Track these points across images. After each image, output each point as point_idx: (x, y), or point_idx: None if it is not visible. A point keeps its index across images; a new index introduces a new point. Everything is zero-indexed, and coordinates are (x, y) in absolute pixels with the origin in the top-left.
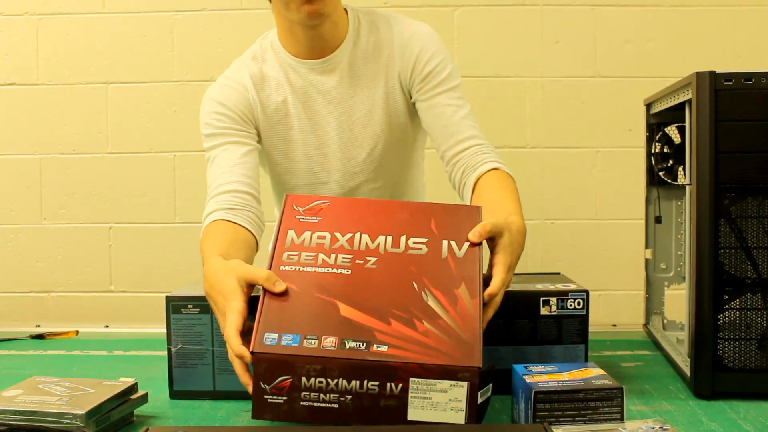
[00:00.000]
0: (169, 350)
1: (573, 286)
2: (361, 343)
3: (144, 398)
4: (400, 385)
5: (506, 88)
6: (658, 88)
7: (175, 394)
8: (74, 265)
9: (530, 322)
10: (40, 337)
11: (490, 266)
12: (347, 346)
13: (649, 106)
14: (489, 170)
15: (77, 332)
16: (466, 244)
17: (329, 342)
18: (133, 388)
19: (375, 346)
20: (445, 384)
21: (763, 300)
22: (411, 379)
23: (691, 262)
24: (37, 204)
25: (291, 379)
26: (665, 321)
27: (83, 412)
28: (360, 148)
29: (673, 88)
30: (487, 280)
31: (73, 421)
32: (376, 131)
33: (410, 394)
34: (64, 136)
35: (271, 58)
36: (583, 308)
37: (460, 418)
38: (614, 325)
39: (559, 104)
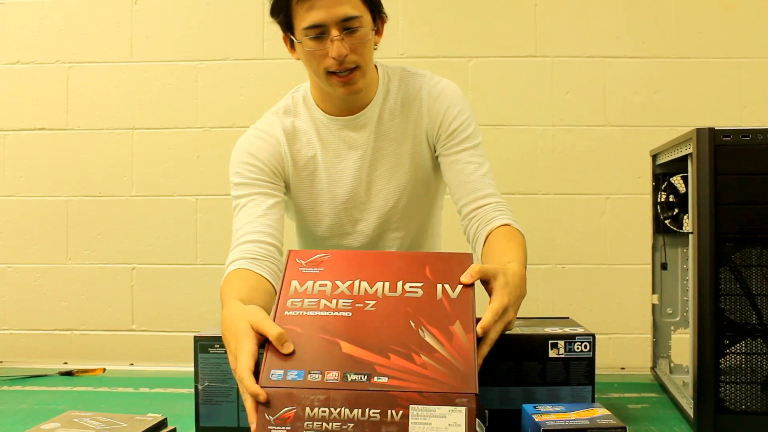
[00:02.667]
0: (196, 387)
1: (580, 330)
2: (363, 376)
3: None
4: (401, 411)
5: (518, 136)
6: (666, 137)
7: (201, 430)
8: (98, 305)
9: (539, 364)
10: (68, 373)
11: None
12: (349, 379)
13: (654, 157)
14: (500, 225)
15: (104, 369)
16: (460, 287)
17: (332, 376)
18: (163, 423)
19: (376, 378)
20: (444, 410)
21: (765, 345)
22: (411, 406)
23: (693, 308)
24: (63, 244)
25: (295, 410)
26: (672, 364)
27: None
28: (386, 200)
29: (676, 142)
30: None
31: None
32: (401, 184)
33: (411, 420)
34: (91, 179)
35: (302, 113)
36: (589, 351)
37: None
38: (623, 368)
39: (569, 152)
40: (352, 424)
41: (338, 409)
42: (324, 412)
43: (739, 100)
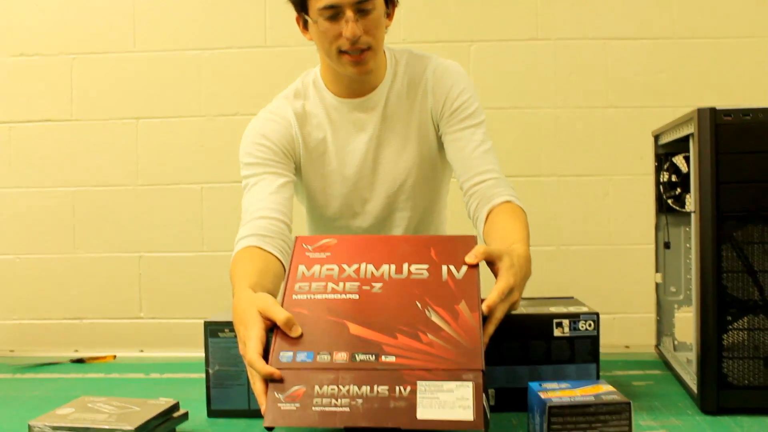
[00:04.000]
0: (207, 372)
1: (584, 309)
2: (371, 356)
3: (185, 416)
4: (409, 387)
5: (521, 119)
6: (668, 118)
7: (212, 413)
8: (106, 293)
9: (544, 343)
10: (80, 361)
11: None
12: (358, 359)
13: (657, 137)
14: (502, 202)
15: (115, 356)
16: (465, 267)
17: (341, 356)
18: (175, 407)
19: (383, 357)
20: (452, 384)
21: (767, 321)
22: (419, 381)
23: (696, 286)
24: (71, 234)
25: (305, 388)
26: (676, 342)
27: (132, 428)
28: (393, 180)
29: (677, 122)
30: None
31: None
32: (408, 164)
33: (418, 395)
34: (97, 169)
35: (313, 96)
36: (594, 329)
37: (468, 414)
38: (627, 347)
39: (572, 134)
40: (360, 400)
41: (347, 387)
42: (333, 389)
43: (741, 79)
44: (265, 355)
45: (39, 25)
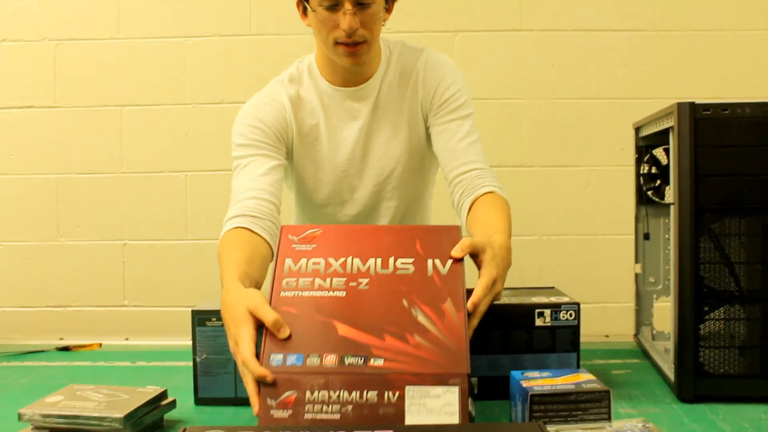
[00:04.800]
0: (194, 360)
1: (565, 299)
2: (360, 359)
3: (173, 404)
4: (397, 393)
5: (504, 110)
6: (649, 110)
7: (200, 401)
8: (90, 281)
9: (526, 333)
10: (66, 349)
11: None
12: (347, 362)
13: (637, 129)
14: (485, 193)
15: (100, 344)
16: (450, 261)
17: (330, 359)
18: (163, 395)
19: (372, 360)
20: (438, 390)
21: (743, 311)
22: (407, 387)
23: (674, 276)
24: (54, 222)
25: (296, 394)
26: (654, 331)
27: (122, 416)
28: (382, 169)
29: (658, 115)
30: (471, 295)
31: (113, 424)
32: (397, 154)
33: (407, 401)
34: (80, 156)
35: (307, 82)
36: (575, 319)
37: (454, 419)
38: (607, 336)
39: (554, 125)
40: (351, 406)
41: (337, 392)
42: (324, 395)
43: (722, 72)
44: (256, 354)
45: (22, 11)
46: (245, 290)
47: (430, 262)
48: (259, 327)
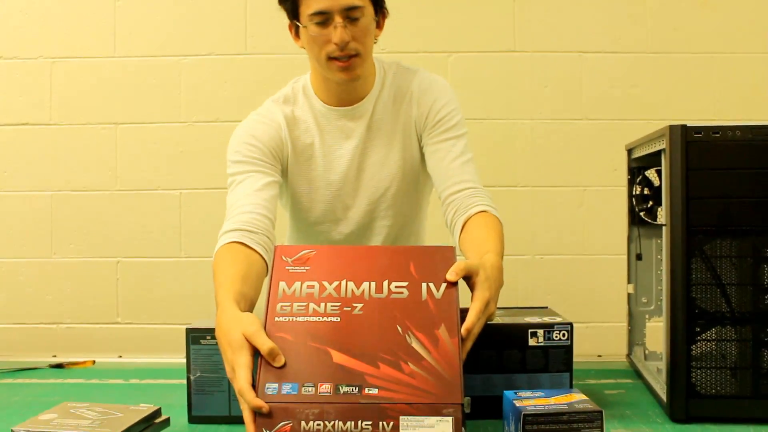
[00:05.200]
0: (188, 378)
1: (558, 319)
2: (354, 388)
3: (167, 422)
4: (392, 423)
5: (497, 130)
6: (642, 131)
7: (193, 419)
8: (83, 298)
9: (519, 352)
10: (59, 366)
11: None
12: (341, 391)
13: (630, 151)
14: (478, 212)
15: (94, 362)
16: (444, 285)
17: (325, 388)
18: (157, 413)
19: (366, 389)
20: (433, 420)
21: (735, 332)
22: (401, 417)
23: (667, 297)
24: (48, 239)
25: (291, 424)
26: (647, 352)
27: None
28: (376, 188)
29: (650, 138)
30: (465, 315)
31: None
32: (391, 174)
33: (401, 431)
34: (75, 173)
35: (302, 102)
36: (567, 339)
37: None
38: (599, 356)
39: (547, 145)
40: None
41: (332, 422)
42: (319, 425)
43: (713, 94)
44: (253, 381)
45: (19, 28)
46: (241, 315)
47: (424, 285)
48: (255, 353)
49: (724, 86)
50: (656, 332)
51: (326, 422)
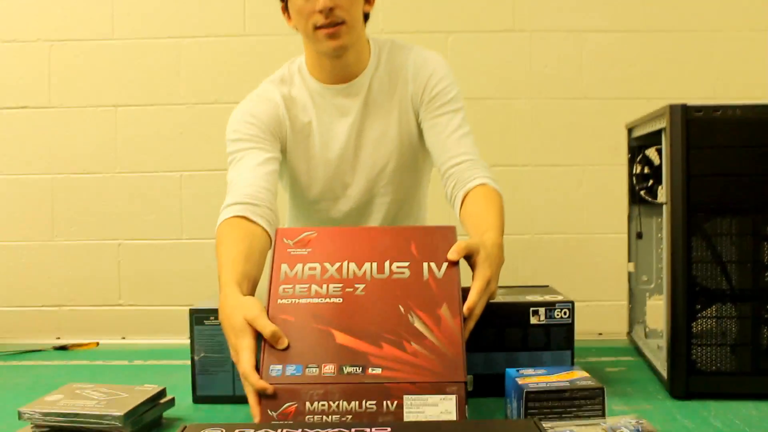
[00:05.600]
0: (192, 358)
1: (560, 298)
2: (358, 368)
3: (171, 402)
4: (396, 402)
5: (498, 110)
6: (640, 109)
7: (198, 399)
8: (85, 280)
9: (521, 330)
10: (63, 348)
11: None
12: (345, 372)
13: (630, 130)
14: (477, 185)
15: (98, 343)
16: (445, 264)
17: (329, 369)
18: (162, 393)
19: (370, 369)
20: (436, 398)
21: (735, 309)
22: (405, 396)
23: (667, 275)
24: (49, 222)
25: (296, 405)
26: (647, 329)
27: (121, 414)
28: (374, 165)
29: (650, 117)
30: (466, 294)
31: (113, 422)
32: (389, 150)
33: (405, 410)
34: (75, 156)
35: (298, 82)
36: (569, 317)
37: None
38: (600, 334)
39: (547, 124)
40: (350, 416)
41: (336, 402)
42: (323, 405)
43: (713, 72)
44: (257, 364)
45: (16, 11)
46: (243, 299)
47: (425, 265)
48: (259, 336)
49: (724, 64)
50: (657, 310)
51: (330, 402)
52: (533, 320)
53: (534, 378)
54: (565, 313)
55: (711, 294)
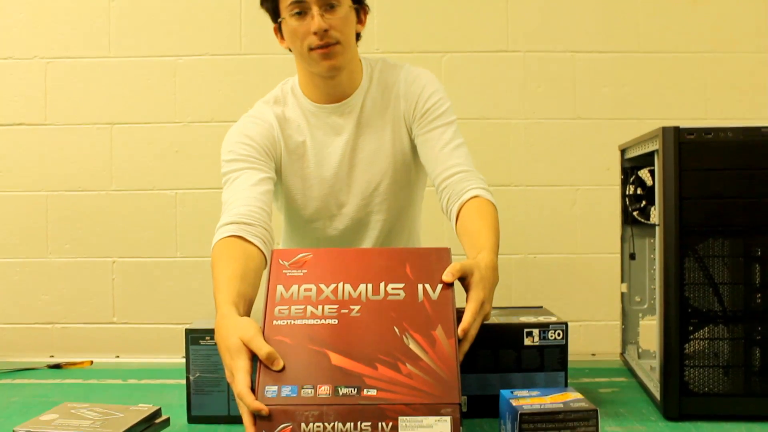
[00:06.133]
0: (187, 378)
1: (553, 319)
2: (353, 389)
3: (167, 422)
4: (391, 423)
5: (491, 130)
6: (633, 129)
7: (193, 419)
8: (79, 298)
9: (515, 352)
10: (57, 366)
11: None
12: (340, 393)
13: (623, 151)
14: (471, 198)
15: (92, 362)
16: (440, 286)
17: (324, 390)
18: (157, 413)
19: (365, 390)
20: (431, 420)
21: (727, 331)
22: (400, 417)
23: (660, 296)
24: (44, 239)
25: (291, 426)
26: (640, 350)
27: None
28: (368, 183)
29: (643, 138)
30: (461, 315)
31: None
32: (383, 167)
33: (400, 431)
34: (70, 173)
35: (291, 103)
36: (562, 339)
37: None
38: (593, 354)
39: (540, 145)
40: None
41: (332, 424)
42: (318, 426)
43: (704, 93)
44: (252, 385)
45: (13, 28)
46: (239, 320)
47: (420, 287)
48: (254, 357)
49: (714, 85)
50: (649, 331)
51: (326, 423)
52: (527, 341)
53: (528, 399)
54: (558, 335)
55: (703, 315)
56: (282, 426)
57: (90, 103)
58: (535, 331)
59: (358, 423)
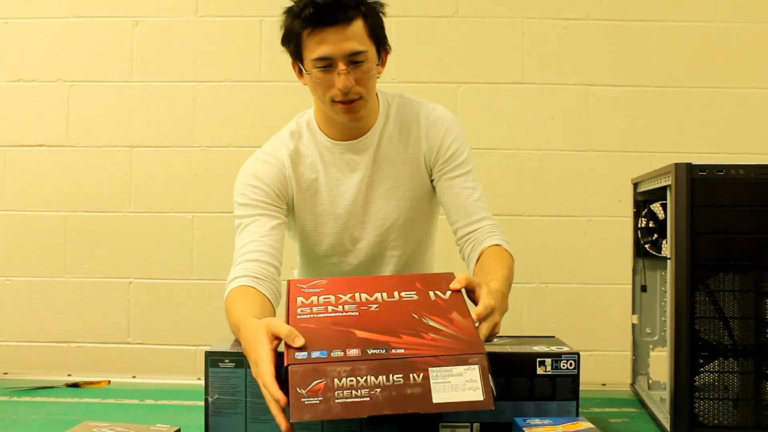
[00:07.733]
0: (206, 400)
1: (566, 349)
2: (381, 349)
3: None
4: (422, 374)
5: (505, 160)
6: (645, 162)
7: None
8: (95, 318)
9: (528, 380)
10: (75, 385)
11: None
12: (369, 352)
13: (636, 185)
14: (492, 245)
15: (109, 382)
16: (449, 292)
17: (353, 352)
18: None
19: (393, 350)
20: (460, 369)
21: (737, 364)
22: (430, 368)
23: (671, 329)
24: (62, 258)
25: (324, 382)
26: (650, 381)
27: None
28: (384, 220)
29: (656, 173)
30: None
31: None
32: (399, 204)
33: (431, 381)
34: (89, 195)
35: (306, 137)
36: (574, 368)
37: (478, 395)
38: (604, 384)
39: (553, 175)
40: (378, 389)
41: (364, 377)
42: (351, 381)
43: (716, 128)
44: (278, 375)
45: (38, 51)
46: (260, 320)
47: (431, 292)
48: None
49: (726, 120)
50: (660, 362)
51: (358, 378)
52: (540, 370)
53: (541, 428)
54: (570, 365)
55: (714, 349)
56: (315, 382)
57: (111, 126)
58: (548, 361)
59: (390, 375)
